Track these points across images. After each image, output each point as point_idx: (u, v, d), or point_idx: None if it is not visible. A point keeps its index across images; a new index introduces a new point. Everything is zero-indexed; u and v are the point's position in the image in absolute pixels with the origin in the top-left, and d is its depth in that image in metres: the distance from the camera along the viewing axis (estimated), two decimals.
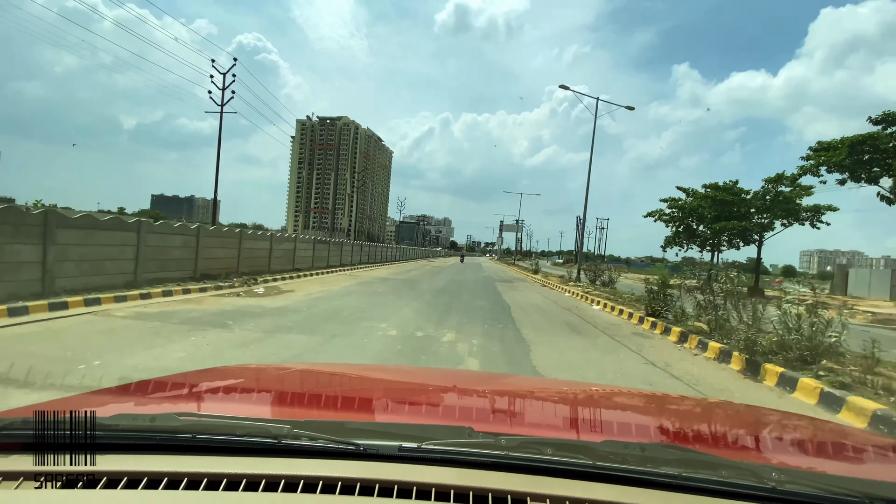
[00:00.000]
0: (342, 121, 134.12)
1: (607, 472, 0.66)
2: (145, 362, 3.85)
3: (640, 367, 5.08)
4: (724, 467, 0.67)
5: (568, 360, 5.10)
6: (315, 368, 1.87)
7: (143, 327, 5.36)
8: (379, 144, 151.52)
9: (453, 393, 1.37)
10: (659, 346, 6.44)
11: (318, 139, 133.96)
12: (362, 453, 0.67)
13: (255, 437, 0.68)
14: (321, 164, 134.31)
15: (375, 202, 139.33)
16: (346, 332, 5.75)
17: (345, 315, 7.06)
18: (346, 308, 7.77)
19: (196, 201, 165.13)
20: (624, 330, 7.69)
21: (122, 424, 0.69)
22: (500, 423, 1.09)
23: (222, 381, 1.33)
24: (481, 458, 0.67)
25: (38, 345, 4.35)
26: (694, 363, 5.40)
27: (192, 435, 0.68)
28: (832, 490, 0.64)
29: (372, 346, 5.05)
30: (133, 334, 5.00)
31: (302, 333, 5.52)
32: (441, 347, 5.24)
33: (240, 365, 2.32)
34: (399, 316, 7.34)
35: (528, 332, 6.61)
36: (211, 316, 6.28)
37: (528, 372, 4.38)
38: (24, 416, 0.67)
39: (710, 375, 4.86)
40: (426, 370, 3.10)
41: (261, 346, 4.77)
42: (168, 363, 3.80)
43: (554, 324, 7.87)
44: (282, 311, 7.08)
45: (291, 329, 5.73)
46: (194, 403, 1.07)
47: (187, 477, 0.61)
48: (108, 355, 4.03)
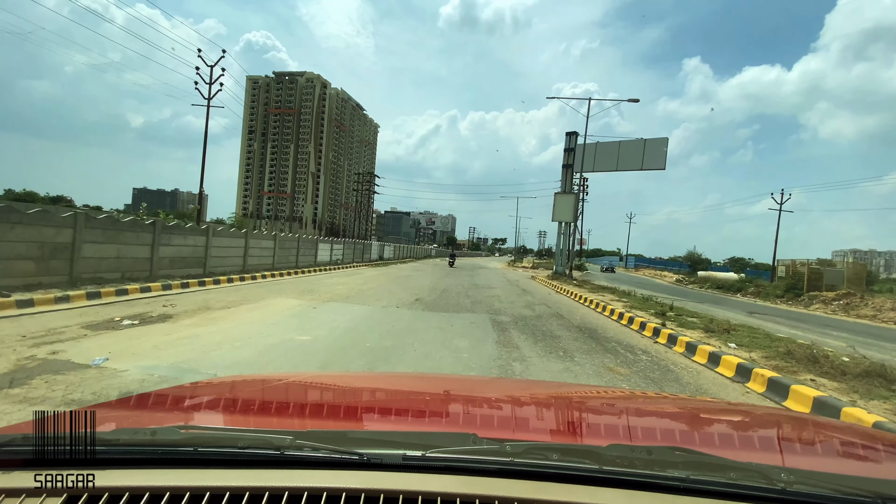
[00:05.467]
0: (304, 76, 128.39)
1: (614, 476, 0.76)
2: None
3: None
4: (732, 469, 0.78)
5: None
6: (316, 378, 2.09)
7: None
8: (358, 114, 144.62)
9: (456, 399, 1.54)
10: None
11: (275, 102, 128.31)
12: (366, 463, 0.78)
13: (257, 449, 0.79)
14: (277, 135, 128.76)
15: (353, 187, 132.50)
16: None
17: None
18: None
19: (180, 195, 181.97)
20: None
21: (123, 439, 0.82)
22: (505, 428, 1.27)
23: (223, 393, 1.49)
24: (486, 466, 0.78)
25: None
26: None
27: (193, 448, 0.79)
28: (843, 490, 0.73)
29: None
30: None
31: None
32: None
33: (240, 376, 2.37)
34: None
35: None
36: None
37: None
38: (25, 432, 0.79)
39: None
40: (427, 377, 3.35)
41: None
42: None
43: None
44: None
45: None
46: (195, 416, 1.24)
47: (189, 491, 0.71)
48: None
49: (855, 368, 5.55)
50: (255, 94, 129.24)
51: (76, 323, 6.57)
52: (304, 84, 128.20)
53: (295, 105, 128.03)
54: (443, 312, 9.89)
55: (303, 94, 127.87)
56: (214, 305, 8.99)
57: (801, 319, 15.33)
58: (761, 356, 6.49)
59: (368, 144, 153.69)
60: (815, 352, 6.32)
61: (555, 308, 12.44)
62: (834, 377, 5.43)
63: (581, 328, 9.11)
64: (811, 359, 6.03)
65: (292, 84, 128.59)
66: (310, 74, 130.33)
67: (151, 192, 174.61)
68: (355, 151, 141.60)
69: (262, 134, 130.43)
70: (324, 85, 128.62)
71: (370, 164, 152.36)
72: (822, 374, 5.56)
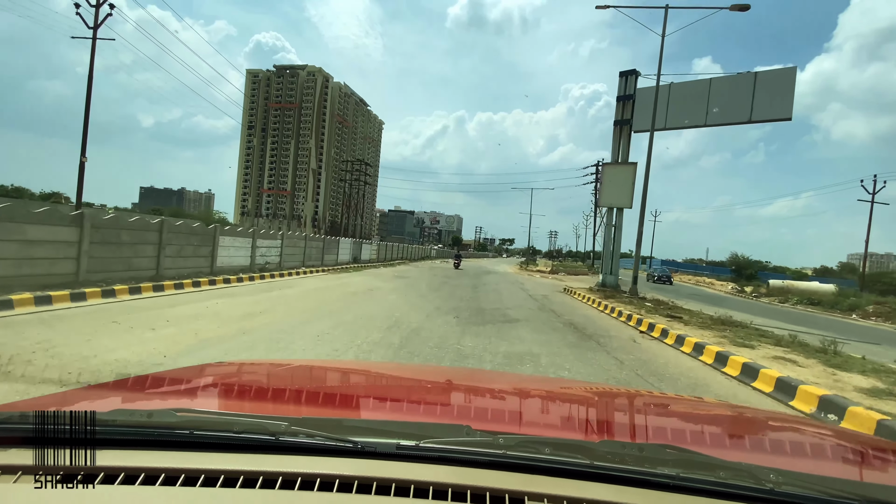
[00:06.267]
0: (306, 70, 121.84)
1: (605, 471, 0.77)
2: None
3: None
4: (721, 468, 0.78)
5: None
6: (313, 365, 2.09)
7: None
8: (362, 109, 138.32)
9: (451, 391, 1.56)
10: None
11: (275, 96, 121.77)
12: (360, 451, 0.79)
13: (252, 434, 0.80)
14: (277, 131, 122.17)
15: (341, 176, 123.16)
16: None
17: None
18: None
19: (187, 194, 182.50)
20: None
21: (120, 420, 0.81)
22: (498, 421, 1.25)
23: (220, 378, 1.50)
24: (479, 457, 0.79)
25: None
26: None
27: (189, 431, 0.79)
28: (830, 492, 0.75)
29: None
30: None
31: None
32: None
33: (237, 361, 2.43)
34: None
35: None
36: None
37: None
38: (23, 409, 0.80)
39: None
40: (424, 367, 3.32)
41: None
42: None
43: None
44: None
45: None
46: (192, 399, 1.24)
47: (184, 473, 0.71)
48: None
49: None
50: (254, 89, 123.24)
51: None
52: (306, 78, 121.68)
53: (296, 100, 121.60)
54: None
55: (304, 88, 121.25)
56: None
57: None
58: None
59: (372, 141, 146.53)
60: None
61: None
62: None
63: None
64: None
65: (293, 78, 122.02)
66: (311, 68, 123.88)
67: (158, 191, 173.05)
68: (358, 148, 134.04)
69: (261, 130, 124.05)
70: (326, 79, 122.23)
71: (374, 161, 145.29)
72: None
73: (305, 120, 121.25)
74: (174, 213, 50.72)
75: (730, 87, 13.91)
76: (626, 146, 15.66)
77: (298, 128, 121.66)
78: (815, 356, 6.87)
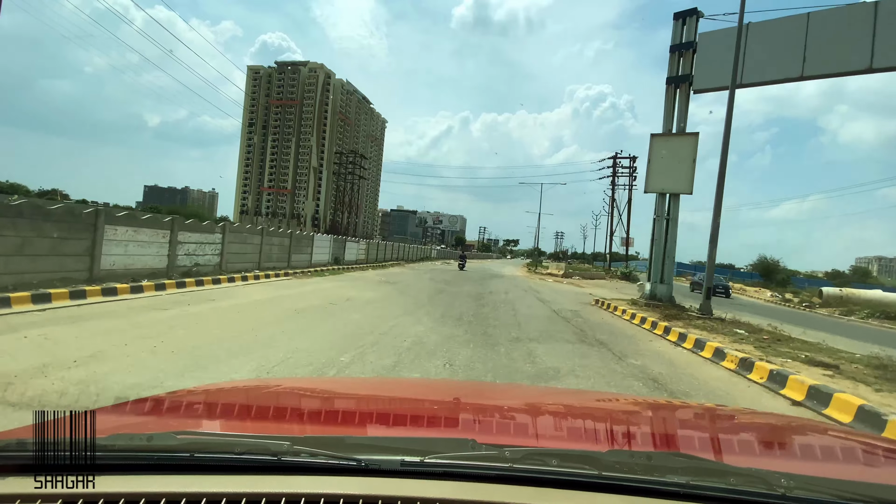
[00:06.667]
0: (308, 66, 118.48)
1: (613, 482, 0.75)
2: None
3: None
4: (732, 474, 0.77)
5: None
6: (313, 384, 2.11)
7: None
8: (365, 107, 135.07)
9: (455, 405, 1.50)
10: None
11: (276, 93, 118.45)
12: (364, 469, 0.77)
13: (254, 455, 0.78)
14: (278, 128, 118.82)
15: (333, 169, 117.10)
16: None
17: None
18: None
19: (191, 192, 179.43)
20: None
21: (119, 444, 0.80)
22: (504, 434, 1.23)
23: (220, 399, 1.44)
24: (485, 472, 0.77)
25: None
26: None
27: (190, 454, 0.77)
28: (844, 496, 0.73)
29: None
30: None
31: None
32: None
33: (237, 381, 2.36)
34: None
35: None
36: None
37: None
38: (20, 437, 0.77)
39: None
40: (426, 382, 3.26)
41: None
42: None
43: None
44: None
45: None
46: (192, 421, 1.20)
47: (186, 497, 0.69)
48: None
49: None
50: (255, 86, 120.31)
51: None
52: (307, 74, 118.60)
53: (297, 97, 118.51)
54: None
55: (305, 85, 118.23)
56: None
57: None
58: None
59: (375, 140, 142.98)
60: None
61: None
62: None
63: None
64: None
65: (294, 75, 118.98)
66: (313, 64, 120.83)
67: (162, 190, 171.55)
68: (361, 146, 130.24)
69: (262, 127, 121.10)
70: (327, 75, 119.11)
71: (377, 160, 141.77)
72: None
73: (307, 117, 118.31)
74: (173, 211, 47.89)
75: (837, 24, 9.95)
76: (684, 110, 11.61)
77: (300, 125, 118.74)
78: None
